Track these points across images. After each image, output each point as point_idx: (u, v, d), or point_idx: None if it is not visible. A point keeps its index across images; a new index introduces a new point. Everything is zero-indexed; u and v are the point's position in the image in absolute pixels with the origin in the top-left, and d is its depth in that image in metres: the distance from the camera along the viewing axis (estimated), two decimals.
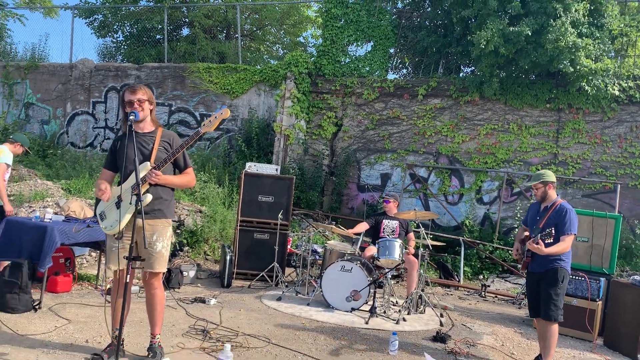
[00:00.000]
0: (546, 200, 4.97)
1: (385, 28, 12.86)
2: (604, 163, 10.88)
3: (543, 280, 4.77)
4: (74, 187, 10.55)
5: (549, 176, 4.97)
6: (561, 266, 4.71)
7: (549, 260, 4.72)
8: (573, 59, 9.94)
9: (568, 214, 4.72)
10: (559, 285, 4.68)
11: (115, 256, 3.77)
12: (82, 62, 15.22)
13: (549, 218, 4.82)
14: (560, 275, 4.69)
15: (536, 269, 4.85)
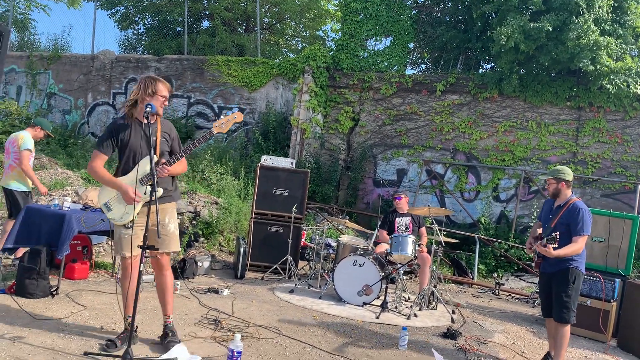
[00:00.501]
0: (560, 197, 4.80)
1: (404, 23, 12.80)
2: (624, 163, 10.72)
3: (554, 280, 4.68)
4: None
5: (564, 173, 4.78)
6: (573, 267, 4.58)
7: (561, 261, 4.60)
8: (594, 57, 9.80)
9: (581, 213, 4.54)
10: (570, 287, 4.56)
11: (128, 243, 3.87)
12: (103, 53, 15.42)
13: (561, 217, 4.67)
14: (572, 276, 4.57)
15: (548, 269, 4.76)
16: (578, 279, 4.62)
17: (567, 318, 4.57)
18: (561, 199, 4.80)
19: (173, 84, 14.48)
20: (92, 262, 6.39)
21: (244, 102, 13.78)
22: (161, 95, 4.03)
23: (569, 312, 4.58)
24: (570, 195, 4.80)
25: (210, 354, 4.01)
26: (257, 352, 4.24)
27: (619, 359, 5.65)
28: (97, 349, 3.84)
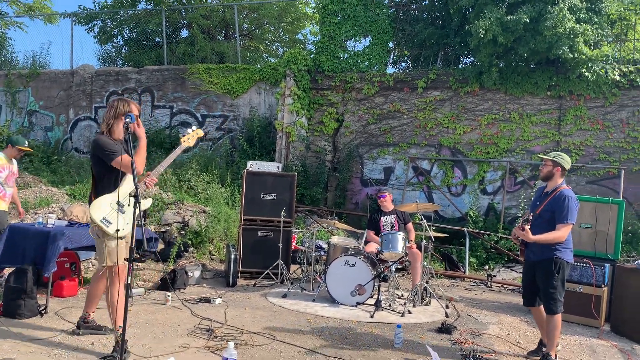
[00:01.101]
0: (550, 182, 4.73)
1: (382, 22, 12.84)
2: (607, 149, 10.83)
3: (538, 270, 4.64)
4: (78, 192, 10.61)
5: (563, 160, 4.69)
6: (557, 256, 4.52)
7: (544, 249, 4.56)
8: (572, 45, 9.89)
9: (567, 201, 4.49)
10: (554, 277, 4.51)
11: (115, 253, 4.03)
12: (82, 68, 15.29)
13: (547, 204, 4.63)
14: (556, 266, 4.51)
15: (531, 257, 4.73)
16: (562, 269, 4.55)
17: (555, 309, 4.55)
18: (551, 185, 4.73)
19: (155, 94, 14.41)
20: (81, 278, 6.32)
21: (227, 109, 13.73)
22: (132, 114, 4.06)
23: (556, 303, 4.54)
24: (560, 183, 4.73)
25: None
26: (251, 359, 4.21)
27: (613, 343, 5.69)
28: None
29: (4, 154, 6.45)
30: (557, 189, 4.68)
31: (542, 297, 4.64)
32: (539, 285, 4.67)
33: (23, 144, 6.49)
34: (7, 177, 6.45)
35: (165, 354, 4.09)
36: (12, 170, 6.53)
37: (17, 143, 6.45)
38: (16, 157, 6.54)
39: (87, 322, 4.51)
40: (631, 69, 10.60)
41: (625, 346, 5.60)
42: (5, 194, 6.43)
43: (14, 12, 19.19)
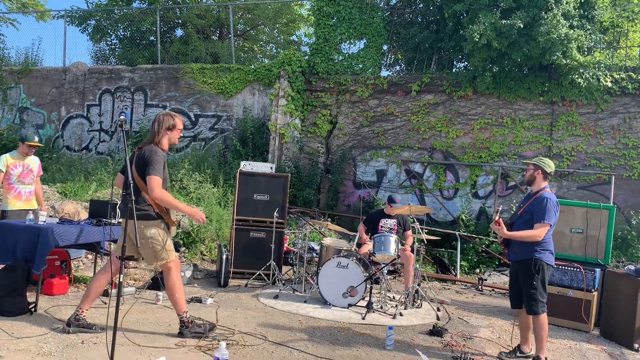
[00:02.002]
0: (533, 186, 4.87)
1: (377, 25, 12.88)
2: (598, 155, 10.91)
3: (519, 271, 4.75)
4: (69, 190, 10.53)
5: (545, 164, 4.83)
6: (536, 257, 4.61)
7: (524, 250, 4.66)
8: (565, 51, 9.96)
9: (546, 202, 4.61)
10: (534, 278, 4.59)
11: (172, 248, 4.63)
12: (75, 66, 15.20)
13: (528, 205, 4.76)
14: (535, 267, 4.60)
15: (512, 257, 4.83)
16: (542, 270, 4.63)
17: (536, 309, 4.61)
18: (534, 188, 4.87)
19: (148, 93, 14.35)
20: (71, 276, 6.27)
21: (220, 109, 13.70)
22: (179, 128, 4.69)
23: (537, 304, 4.60)
24: (544, 186, 4.84)
25: None
26: (243, 359, 4.19)
27: (602, 347, 5.72)
28: None
29: (17, 151, 6.44)
30: (539, 191, 4.80)
31: (524, 298, 4.72)
32: (522, 287, 4.74)
33: (31, 139, 6.44)
34: (22, 175, 6.41)
35: (157, 354, 4.07)
36: (29, 167, 6.48)
37: (25, 139, 6.42)
38: (28, 154, 6.49)
39: (79, 319, 4.48)
40: (623, 75, 10.69)
41: (615, 350, 5.64)
42: (21, 192, 6.40)
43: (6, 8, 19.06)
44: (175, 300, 4.60)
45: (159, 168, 4.38)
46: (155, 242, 4.44)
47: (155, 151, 4.47)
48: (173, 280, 4.58)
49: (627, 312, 5.88)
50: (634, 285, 5.85)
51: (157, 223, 4.48)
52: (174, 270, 4.59)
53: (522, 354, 4.87)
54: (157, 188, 4.31)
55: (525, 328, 4.90)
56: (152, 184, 4.30)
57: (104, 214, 5.79)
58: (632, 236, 9.80)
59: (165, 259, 4.51)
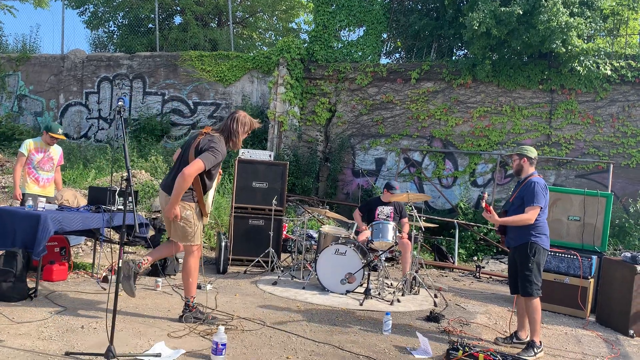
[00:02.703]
0: (522, 174, 4.95)
1: (377, 12, 12.82)
2: (596, 143, 10.93)
3: (516, 255, 4.84)
4: (68, 177, 10.56)
5: (527, 151, 4.94)
6: (532, 241, 4.71)
7: (521, 235, 4.75)
8: (565, 39, 9.94)
9: (534, 186, 4.71)
10: (530, 260, 4.68)
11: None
12: (73, 53, 15.15)
13: (519, 191, 4.86)
14: (531, 250, 4.69)
15: (510, 243, 4.92)
16: (538, 254, 4.72)
17: (530, 291, 4.68)
18: (522, 176, 4.95)
19: (147, 81, 14.32)
20: (70, 263, 6.31)
21: (219, 97, 13.68)
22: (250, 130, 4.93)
23: (532, 286, 4.68)
24: (531, 172, 4.93)
25: (194, 348, 4.00)
26: (241, 343, 4.23)
27: (598, 333, 5.78)
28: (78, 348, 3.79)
29: (41, 138, 6.47)
30: (527, 177, 4.91)
31: (519, 280, 4.79)
32: (518, 269, 4.82)
33: (55, 130, 6.44)
34: (42, 161, 6.45)
35: (156, 339, 4.11)
36: (50, 155, 6.51)
37: (49, 129, 6.44)
38: (50, 143, 6.51)
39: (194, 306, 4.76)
40: (622, 64, 10.67)
41: (610, 336, 5.69)
42: (39, 178, 6.43)
43: None
44: (188, 284, 4.71)
45: (211, 158, 4.46)
46: (188, 223, 4.58)
47: (219, 144, 4.57)
48: (191, 264, 4.69)
49: (623, 298, 5.93)
50: (630, 272, 5.89)
51: (193, 206, 4.61)
52: (195, 255, 4.71)
53: (519, 340, 4.92)
54: (192, 168, 4.38)
55: (524, 314, 4.95)
56: (194, 164, 4.40)
57: (102, 201, 5.81)
58: (629, 224, 9.84)
59: (191, 242, 4.65)
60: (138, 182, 9.84)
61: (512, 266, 4.98)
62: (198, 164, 4.39)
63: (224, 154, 4.60)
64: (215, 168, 4.68)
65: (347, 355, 4.22)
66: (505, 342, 4.91)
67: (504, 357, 4.18)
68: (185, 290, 4.77)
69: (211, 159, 4.46)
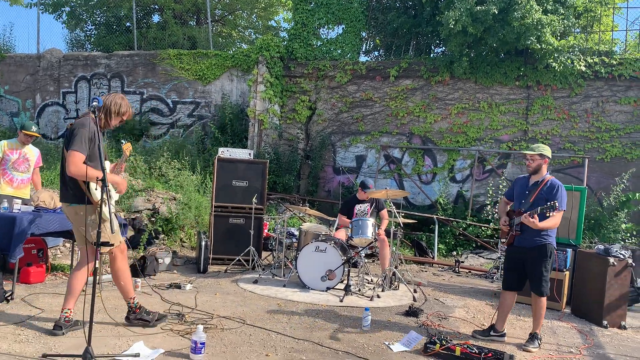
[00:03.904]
0: (537, 174, 4.93)
1: (355, 10, 12.87)
2: (572, 138, 11.12)
3: (531, 255, 4.83)
4: (45, 178, 10.41)
5: (547, 150, 4.93)
6: (549, 242, 4.80)
7: (538, 237, 4.78)
8: (539, 36, 10.10)
9: (560, 190, 4.76)
10: (548, 261, 4.79)
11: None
12: (50, 52, 14.94)
13: (540, 193, 4.82)
14: (549, 252, 4.80)
15: (524, 243, 4.88)
16: (553, 255, 4.87)
17: (547, 290, 4.84)
18: (539, 176, 4.93)
19: (125, 80, 14.18)
20: (48, 265, 6.25)
21: (198, 96, 13.62)
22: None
23: (547, 285, 4.84)
24: (546, 172, 4.97)
25: (173, 347, 4.00)
26: (221, 342, 4.25)
27: (573, 324, 5.90)
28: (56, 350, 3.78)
29: (17, 139, 6.39)
30: (545, 178, 4.91)
31: (534, 280, 4.85)
32: (529, 270, 4.87)
33: (29, 128, 6.35)
34: (17, 162, 6.36)
35: (135, 339, 4.10)
36: (25, 156, 6.42)
37: (22, 128, 6.35)
38: (25, 143, 6.42)
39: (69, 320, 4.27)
40: (596, 60, 10.88)
41: (584, 327, 5.82)
42: (13, 179, 6.34)
43: None
44: (122, 287, 4.45)
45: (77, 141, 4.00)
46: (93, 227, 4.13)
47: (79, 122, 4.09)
48: (118, 267, 4.42)
49: (597, 290, 6.06)
50: (603, 264, 6.03)
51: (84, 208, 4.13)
52: (119, 257, 4.41)
53: (496, 332, 4.99)
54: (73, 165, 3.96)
55: (508, 310, 5.03)
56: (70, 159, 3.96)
57: None
58: (604, 217, 10.05)
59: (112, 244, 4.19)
60: None
61: (517, 264, 4.97)
62: (72, 155, 3.93)
63: (92, 131, 4.04)
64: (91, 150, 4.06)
65: (326, 351, 4.26)
66: (483, 335, 4.99)
67: (480, 350, 4.26)
68: (122, 294, 4.49)
69: (77, 141, 3.96)
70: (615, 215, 9.96)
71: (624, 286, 6.04)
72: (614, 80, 10.87)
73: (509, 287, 5.05)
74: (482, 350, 4.26)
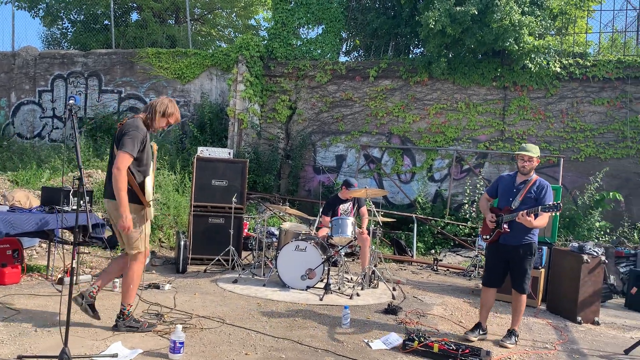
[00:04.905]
0: (528, 173, 4.97)
1: (335, 10, 12.91)
2: (548, 138, 11.32)
3: (516, 253, 4.89)
4: (21, 178, 10.25)
5: (538, 150, 5.01)
6: (534, 241, 4.90)
7: (525, 235, 4.86)
8: (517, 37, 10.26)
9: (548, 190, 4.84)
10: (532, 260, 4.91)
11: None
12: (25, 50, 14.69)
13: (529, 192, 4.88)
14: (533, 250, 4.90)
15: (511, 241, 4.91)
16: (536, 252, 5.00)
17: (528, 288, 4.94)
18: (528, 175, 4.98)
19: (102, 79, 14.02)
20: (24, 265, 6.15)
21: (177, 95, 13.52)
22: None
23: (529, 282, 4.97)
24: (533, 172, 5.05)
25: (152, 347, 3.98)
26: (200, 341, 4.24)
27: (548, 321, 6.02)
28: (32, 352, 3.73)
29: None
30: (533, 178, 4.98)
31: (518, 278, 4.92)
32: (514, 268, 4.94)
33: None
34: None
35: (112, 339, 4.07)
36: None
37: None
38: None
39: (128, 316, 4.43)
40: (571, 61, 11.09)
41: (559, 323, 5.94)
42: None
43: None
44: (128, 290, 4.43)
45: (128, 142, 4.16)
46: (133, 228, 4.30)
47: (133, 124, 4.27)
48: (134, 271, 4.43)
49: (571, 287, 6.20)
50: (577, 261, 6.16)
51: (133, 208, 4.29)
52: (140, 262, 4.46)
53: (483, 331, 5.05)
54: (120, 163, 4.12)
55: (490, 306, 5.12)
56: (119, 159, 4.12)
57: (56, 201, 5.70)
58: (578, 215, 10.25)
59: (137, 249, 4.38)
60: (94, 181, 9.65)
61: (500, 262, 5.02)
62: (122, 157, 4.09)
63: (144, 132, 4.29)
64: (142, 152, 4.29)
65: (305, 349, 4.28)
66: (474, 335, 4.97)
67: (458, 346, 4.32)
68: (122, 297, 4.44)
69: (129, 143, 4.12)
70: (590, 214, 10.17)
71: (598, 283, 6.18)
72: (588, 81, 11.09)
73: (491, 283, 5.10)
74: (460, 346, 4.33)
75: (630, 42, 12.88)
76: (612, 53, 11.90)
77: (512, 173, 5.19)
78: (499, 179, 5.29)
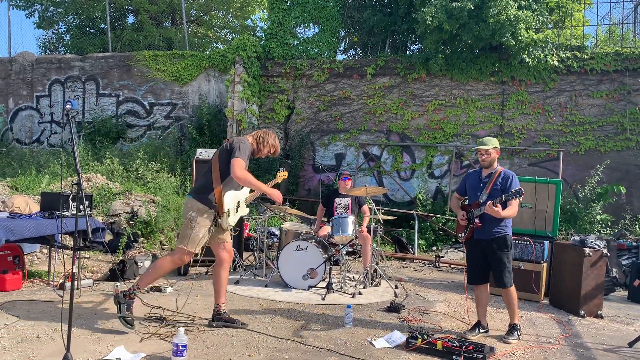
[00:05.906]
0: (490, 167, 4.99)
1: (331, 9, 12.89)
2: (547, 132, 11.30)
3: (492, 248, 4.86)
4: (21, 184, 10.25)
5: (497, 142, 5.02)
6: (507, 233, 4.85)
7: (496, 228, 4.82)
8: (514, 32, 10.24)
9: (513, 179, 4.84)
10: (509, 252, 4.85)
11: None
12: (22, 55, 14.68)
13: (495, 184, 4.88)
14: (509, 242, 4.85)
15: (483, 236, 4.90)
16: (512, 245, 4.93)
17: (511, 281, 4.87)
18: (492, 168, 4.99)
19: (100, 82, 14.01)
20: (25, 271, 6.14)
21: (175, 97, 13.51)
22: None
23: (510, 276, 4.87)
24: (497, 164, 5.04)
25: (154, 351, 3.97)
26: (203, 344, 4.23)
27: (551, 315, 6.01)
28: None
29: None
30: (497, 170, 4.98)
31: (497, 273, 4.87)
32: (491, 263, 4.91)
33: None
34: None
35: (115, 344, 4.06)
36: None
37: None
38: None
39: (220, 314, 4.79)
40: (568, 54, 11.07)
41: (562, 317, 5.93)
42: None
43: None
44: (148, 274, 4.64)
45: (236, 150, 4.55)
46: (189, 225, 4.55)
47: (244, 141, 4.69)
48: (163, 263, 4.63)
49: (573, 281, 6.18)
50: (579, 255, 6.15)
51: (204, 211, 4.56)
52: (175, 260, 4.62)
53: (484, 328, 5.04)
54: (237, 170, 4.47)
55: (486, 303, 5.08)
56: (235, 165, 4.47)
57: (56, 207, 5.68)
58: (579, 209, 10.23)
59: (183, 246, 4.54)
60: (94, 185, 9.64)
61: (478, 258, 4.99)
62: (236, 163, 4.44)
63: (250, 150, 4.70)
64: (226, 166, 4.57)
65: (309, 349, 4.27)
66: (474, 335, 4.96)
67: (462, 343, 4.31)
68: (140, 281, 4.66)
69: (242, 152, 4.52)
70: (591, 207, 10.15)
71: (600, 276, 6.17)
72: (586, 74, 11.07)
73: (475, 281, 5.07)
74: (463, 343, 4.32)
75: (628, 34, 12.87)
76: (609, 45, 11.88)
77: (477, 169, 5.18)
78: (466, 177, 5.29)
